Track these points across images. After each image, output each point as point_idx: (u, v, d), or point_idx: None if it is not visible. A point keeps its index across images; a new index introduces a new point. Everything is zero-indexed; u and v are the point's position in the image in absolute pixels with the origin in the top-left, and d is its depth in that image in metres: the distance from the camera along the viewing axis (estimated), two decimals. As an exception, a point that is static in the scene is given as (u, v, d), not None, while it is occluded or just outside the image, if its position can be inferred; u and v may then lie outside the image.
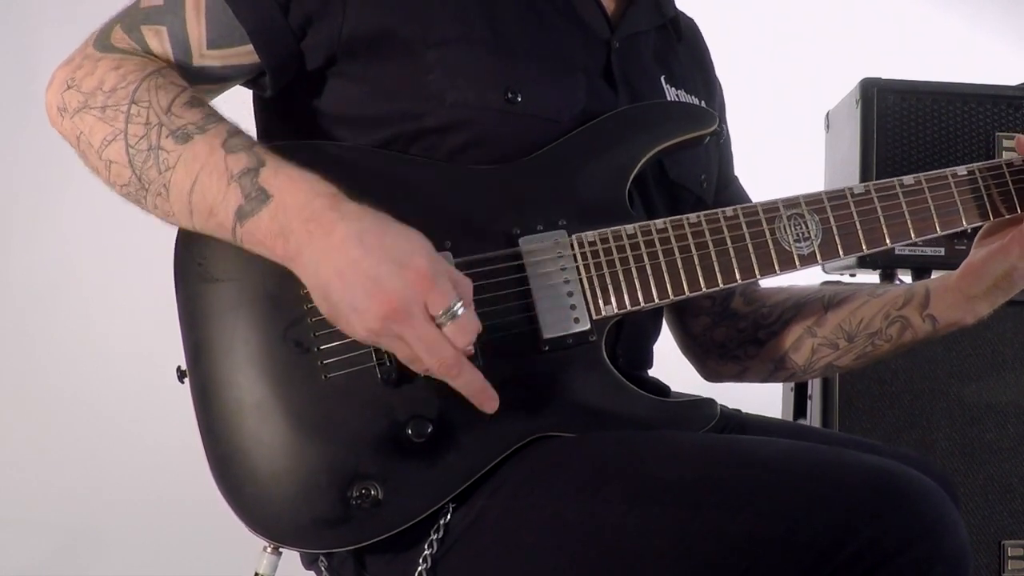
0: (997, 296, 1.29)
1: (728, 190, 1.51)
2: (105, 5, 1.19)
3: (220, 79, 1.18)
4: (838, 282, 2.06)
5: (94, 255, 3.04)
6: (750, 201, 1.43)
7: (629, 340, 1.26)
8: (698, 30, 1.54)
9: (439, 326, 1.00)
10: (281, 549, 1.10)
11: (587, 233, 1.16)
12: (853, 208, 1.22)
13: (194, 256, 1.12)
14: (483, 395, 1.06)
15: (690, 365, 1.55)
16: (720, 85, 1.55)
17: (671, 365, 1.43)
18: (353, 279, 1.00)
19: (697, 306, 1.49)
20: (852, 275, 2.22)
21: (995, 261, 1.26)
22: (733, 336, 1.48)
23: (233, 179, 1.05)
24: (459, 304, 1.01)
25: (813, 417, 2.07)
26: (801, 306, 1.43)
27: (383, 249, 1.00)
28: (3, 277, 3.04)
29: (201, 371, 1.10)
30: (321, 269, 1.01)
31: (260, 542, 1.11)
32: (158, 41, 1.15)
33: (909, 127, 2.06)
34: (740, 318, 1.47)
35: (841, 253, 1.21)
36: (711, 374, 1.53)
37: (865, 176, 2.05)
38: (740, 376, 1.50)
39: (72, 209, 3.04)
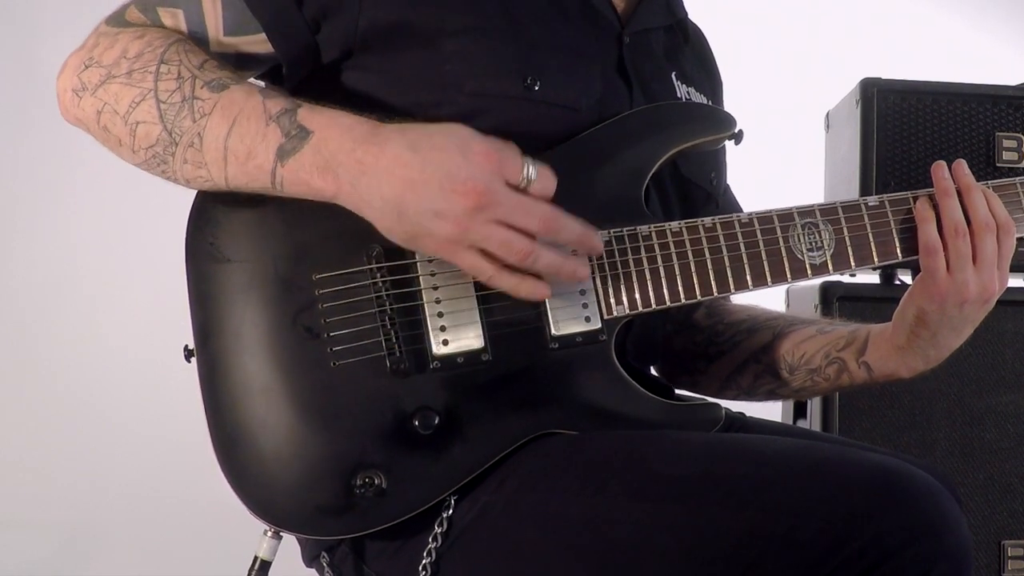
0: (923, 346, 1.25)
1: (724, 196, 1.51)
2: (106, 5, 1.19)
3: (238, 66, 1.18)
4: (839, 283, 2.07)
5: (95, 255, 3.04)
6: (741, 210, 1.43)
7: (639, 334, 1.27)
8: (704, 37, 1.54)
9: (523, 190, 1.02)
10: (281, 534, 1.10)
11: (602, 232, 1.15)
12: (867, 220, 1.23)
13: (206, 236, 1.12)
14: (588, 237, 1.07)
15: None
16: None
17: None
18: (425, 184, 0.99)
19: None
20: (852, 274, 2.21)
21: (907, 306, 1.25)
22: (689, 348, 1.48)
23: (272, 119, 1.05)
24: (528, 162, 1.03)
25: (813, 417, 2.07)
26: (754, 331, 1.42)
27: (438, 148, 1.01)
28: (4, 277, 3.04)
29: (209, 351, 1.09)
30: (385, 189, 1.01)
31: (261, 542, 1.11)
32: (174, 23, 1.15)
33: (909, 127, 2.06)
34: (698, 331, 1.47)
35: (853, 264, 1.22)
36: (668, 378, 1.52)
37: (865, 176, 2.05)
38: (692, 387, 1.49)
39: (73, 209, 3.05)
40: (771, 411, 2.04)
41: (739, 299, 1.50)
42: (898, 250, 1.23)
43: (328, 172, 1.03)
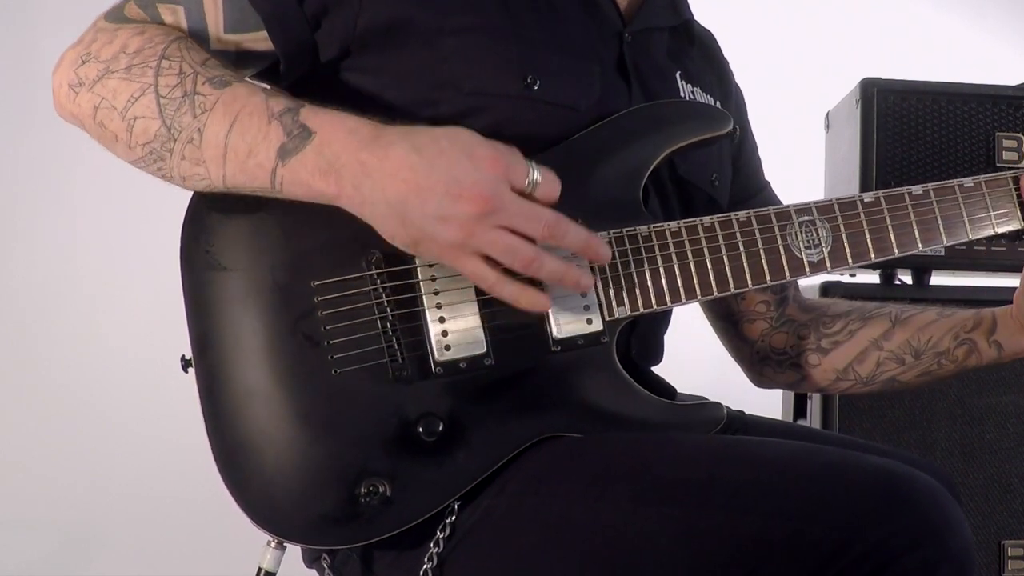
0: None
1: (761, 195, 1.52)
2: (106, 5, 1.19)
3: (236, 64, 1.17)
4: (838, 283, 2.07)
5: (95, 255, 3.03)
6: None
7: (643, 333, 1.26)
8: (716, 41, 1.54)
9: (528, 195, 1.02)
10: (286, 544, 1.09)
11: (601, 233, 1.15)
12: (863, 216, 1.23)
13: (201, 244, 1.10)
14: (592, 245, 1.08)
15: (693, 367, 1.55)
16: (741, 92, 1.55)
17: (676, 366, 1.43)
18: (431, 189, 0.99)
19: (752, 311, 1.50)
20: (852, 275, 2.22)
21: None
22: (794, 343, 1.49)
23: (274, 117, 1.04)
24: (533, 166, 1.03)
25: (813, 417, 2.07)
26: (867, 319, 1.44)
27: (444, 152, 1.00)
28: (4, 277, 3.04)
29: (207, 362, 1.08)
30: (390, 192, 1.00)
31: (261, 541, 1.10)
32: (174, 20, 1.14)
33: (909, 127, 2.06)
34: (800, 326, 1.49)
35: (850, 260, 1.23)
36: (764, 380, 1.54)
37: (865, 176, 2.05)
38: (798, 384, 1.51)
39: (73, 209, 3.04)
40: (771, 411, 2.05)
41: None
42: (894, 246, 1.24)
43: (330, 174, 1.02)
